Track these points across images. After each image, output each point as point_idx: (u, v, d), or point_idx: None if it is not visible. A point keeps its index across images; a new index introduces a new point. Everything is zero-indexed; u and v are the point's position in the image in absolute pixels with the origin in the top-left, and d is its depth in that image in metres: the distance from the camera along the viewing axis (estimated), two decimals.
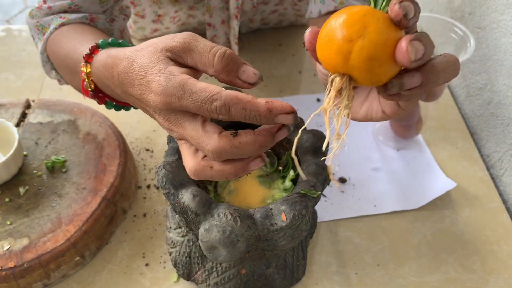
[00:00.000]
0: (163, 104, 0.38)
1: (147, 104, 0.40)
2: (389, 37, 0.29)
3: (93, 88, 0.49)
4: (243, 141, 0.36)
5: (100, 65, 0.45)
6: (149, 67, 0.39)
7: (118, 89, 0.43)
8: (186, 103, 0.36)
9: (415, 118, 0.72)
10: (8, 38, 0.93)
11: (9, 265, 0.54)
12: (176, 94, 0.37)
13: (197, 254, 0.55)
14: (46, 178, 0.63)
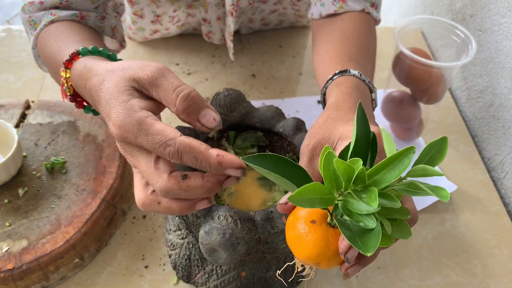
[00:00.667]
0: (119, 136, 0.38)
1: (109, 127, 0.40)
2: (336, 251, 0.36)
3: (71, 93, 0.49)
4: (191, 185, 0.37)
5: (77, 73, 0.46)
6: (113, 95, 0.39)
7: (90, 100, 0.44)
8: (141, 141, 0.37)
9: (416, 121, 0.72)
10: (8, 39, 0.93)
11: (7, 267, 0.54)
12: (132, 131, 0.37)
13: (197, 257, 0.54)
14: (46, 179, 0.62)
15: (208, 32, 0.80)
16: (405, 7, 1.14)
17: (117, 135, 0.38)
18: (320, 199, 0.33)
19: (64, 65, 0.47)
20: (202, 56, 0.90)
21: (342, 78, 0.53)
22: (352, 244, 0.32)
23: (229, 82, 0.86)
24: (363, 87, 0.52)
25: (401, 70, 0.66)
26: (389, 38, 0.97)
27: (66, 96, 0.49)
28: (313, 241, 0.36)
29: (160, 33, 0.86)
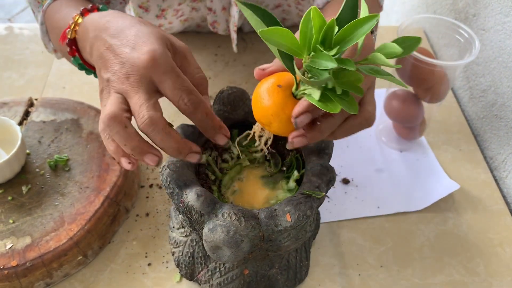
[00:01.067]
0: (144, 63, 0.41)
1: (119, 55, 0.43)
2: (289, 116, 0.40)
3: (72, 37, 0.51)
4: (172, 133, 0.41)
5: (96, 16, 0.49)
6: (151, 34, 0.44)
7: (94, 34, 0.47)
8: (166, 78, 0.42)
9: (419, 120, 0.72)
10: (11, 37, 0.93)
11: (11, 263, 0.54)
12: (164, 66, 0.42)
13: (200, 254, 0.54)
14: (49, 176, 0.63)
15: (213, 21, 0.80)
16: (408, 6, 1.14)
17: (142, 62, 0.41)
18: (287, 46, 0.35)
19: (81, 12, 0.50)
20: (205, 55, 0.90)
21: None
22: (307, 99, 0.36)
23: (231, 81, 0.86)
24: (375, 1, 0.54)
25: (404, 69, 0.66)
26: (391, 37, 0.97)
27: (65, 38, 0.51)
28: (273, 101, 0.40)
29: (164, 28, 0.86)
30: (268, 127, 0.42)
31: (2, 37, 0.93)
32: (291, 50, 0.36)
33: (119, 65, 0.43)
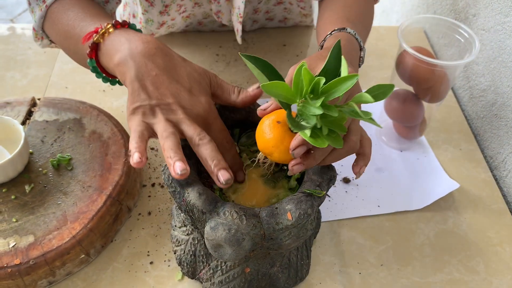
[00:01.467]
0: (203, 111, 0.51)
1: (170, 89, 0.51)
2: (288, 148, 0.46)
3: (98, 41, 0.55)
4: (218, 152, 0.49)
5: (138, 36, 0.53)
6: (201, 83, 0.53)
7: (132, 52, 0.52)
8: (217, 122, 0.52)
9: (419, 120, 0.72)
10: (14, 37, 0.93)
11: (14, 262, 0.54)
12: (213, 117, 0.52)
13: (202, 253, 0.55)
14: (52, 176, 0.63)
15: (217, 11, 0.81)
16: (408, 6, 1.14)
17: (202, 106, 0.51)
18: (284, 95, 0.42)
19: (113, 23, 0.55)
20: (206, 55, 0.91)
21: (339, 33, 0.60)
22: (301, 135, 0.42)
23: (233, 80, 0.86)
24: (356, 44, 0.60)
25: (405, 69, 0.66)
26: (392, 37, 0.98)
27: (90, 39, 0.55)
28: (273, 135, 0.46)
29: (166, 25, 0.87)
30: (270, 156, 0.48)
31: (5, 37, 0.93)
32: (287, 98, 0.42)
33: (172, 98, 0.50)
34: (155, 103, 0.50)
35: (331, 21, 0.65)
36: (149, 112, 0.50)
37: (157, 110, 0.50)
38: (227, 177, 0.47)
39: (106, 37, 0.55)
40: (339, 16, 0.65)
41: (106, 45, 0.55)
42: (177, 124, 0.49)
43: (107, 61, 0.55)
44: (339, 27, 0.61)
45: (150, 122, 0.49)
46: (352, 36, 0.60)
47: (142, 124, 0.49)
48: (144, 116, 0.50)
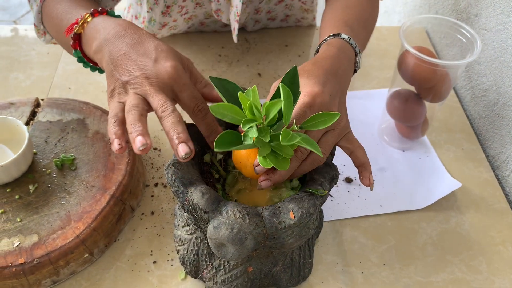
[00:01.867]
0: (168, 74, 0.49)
1: (137, 63, 0.50)
2: None
3: (79, 32, 0.56)
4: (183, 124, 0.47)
5: (110, 21, 0.55)
6: (169, 51, 0.52)
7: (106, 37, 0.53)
8: (186, 88, 0.50)
9: (421, 119, 0.72)
10: (17, 38, 0.94)
11: (19, 261, 0.55)
12: (185, 78, 0.50)
13: (205, 252, 0.55)
14: (56, 176, 0.63)
15: (217, 9, 0.81)
16: (410, 6, 1.15)
17: (168, 73, 0.49)
18: (231, 116, 0.44)
19: (91, 12, 0.56)
20: (208, 55, 0.91)
21: (333, 40, 0.60)
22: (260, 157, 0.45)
23: (235, 81, 0.86)
24: (349, 50, 0.60)
25: (406, 69, 0.66)
26: (394, 38, 0.98)
27: (71, 31, 0.56)
28: (241, 153, 0.50)
29: (168, 26, 0.87)
30: (240, 170, 0.51)
31: (8, 38, 0.94)
32: (235, 119, 0.45)
33: (139, 71, 0.50)
34: (125, 80, 0.50)
35: (330, 24, 0.65)
36: (123, 90, 0.50)
37: (127, 86, 0.50)
38: (185, 151, 0.45)
39: (85, 27, 0.56)
40: (337, 18, 0.65)
41: (86, 35, 0.56)
42: (145, 97, 0.49)
43: (88, 50, 0.56)
44: (334, 33, 0.61)
45: (124, 100, 0.50)
46: (346, 42, 0.60)
47: (117, 105, 0.49)
48: (119, 96, 0.50)
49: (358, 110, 0.82)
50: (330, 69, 0.55)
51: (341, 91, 0.55)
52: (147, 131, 0.46)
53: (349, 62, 0.59)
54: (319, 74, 0.53)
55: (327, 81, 0.53)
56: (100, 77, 0.86)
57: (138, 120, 0.46)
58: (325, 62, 0.56)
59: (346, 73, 0.58)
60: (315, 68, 0.55)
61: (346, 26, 0.63)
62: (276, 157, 0.46)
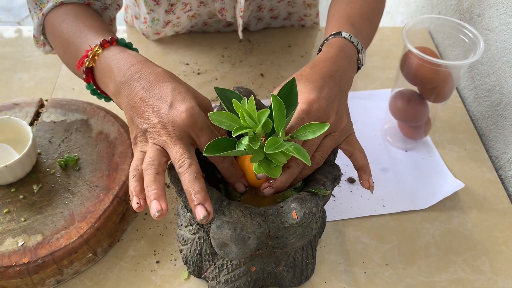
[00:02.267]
0: (183, 121, 0.47)
1: (155, 109, 0.49)
2: None
3: (90, 66, 0.55)
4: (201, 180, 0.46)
5: (121, 57, 0.53)
6: (186, 94, 0.50)
7: (122, 80, 0.51)
8: (203, 133, 0.48)
9: (424, 120, 0.72)
10: (21, 39, 0.95)
11: (23, 260, 0.55)
12: (201, 123, 0.48)
13: (208, 252, 0.55)
14: (59, 176, 0.64)
15: (221, 9, 0.81)
16: (413, 7, 1.15)
17: (183, 120, 0.47)
18: (228, 123, 0.45)
19: (101, 43, 0.54)
20: (212, 56, 0.92)
21: (334, 39, 0.60)
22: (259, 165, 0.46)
23: (238, 82, 0.87)
24: (351, 48, 0.59)
25: (409, 69, 0.66)
26: (396, 38, 0.98)
27: (82, 64, 0.55)
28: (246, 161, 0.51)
29: (172, 24, 0.87)
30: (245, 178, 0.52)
31: (12, 39, 0.94)
32: (232, 126, 0.45)
33: (156, 119, 0.48)
34: (144, 128, 0.49)
35: (332, 21, 0.65)
36: (144, 139, 0.49)
37: (147, 135, 0.49)
38: (203, 214, 0.44)
39: (97, 60, 0.55)
40: (340, 14, 0.65)
41: (98, 72, 0.55)
42: (163, 147, 0.48)
43: (104, 89, 0.56)
44: (336, 31, 0.61)
45: (145, 150, 0.49)
46: (347, 41, 0.59)
47: (138, 156, 0.49)
48: (141, 144, 0.49)
49: (361, 110, 0.82)
50: (328, 72, 0.55)
51: (340, 93, 0.54)
52: (163, 192, 0.46)
53: (350, 61, 0.59)
54: (315, 79, 0.53)
55: (324, 85, 0.53)
56: None
57: (153, 182, 0.46)
58: (323, 65, 0.56)
59: (346, 73, 0.57)
60: (312, 72, 0.54)
61: (347, 23, 0.62)
62: (269, 165, 0.46)
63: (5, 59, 0.90)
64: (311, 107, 0.50)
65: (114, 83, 0.52)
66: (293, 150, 0.44)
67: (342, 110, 0.54)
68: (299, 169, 0.50)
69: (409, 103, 0.70)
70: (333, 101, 0.52)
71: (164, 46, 0.93)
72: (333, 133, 0.52)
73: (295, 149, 0.44)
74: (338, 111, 0.53)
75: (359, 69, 0.62)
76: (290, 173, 0.50)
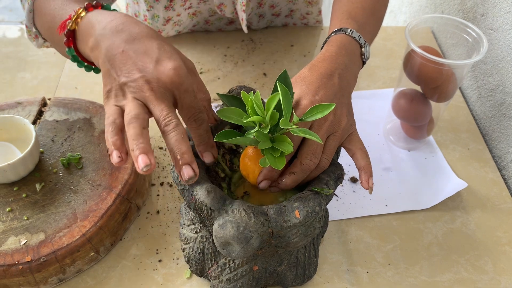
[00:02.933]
0: (170, 77, 0.45)
1: (137, 63, 0.46)
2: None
3: (72, 28, 0.52)
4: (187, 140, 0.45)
5: (105, 14, 0.50)
6: (173, 51, 0.48)
7: (102, 32, 0.49)
8: (188, 95, 0.46)
9: (427, 119, 0.72)
10: (24, 38, 0.95)
11: (26, 259, 0.55)
12: (187, 83, 0.46)
13: (210, 251, 0.55)
14: (62, 174, 0.64)
15: (219, 4, 0.81)
16: (416, 6, 1.14)
17: (169, 77, 0.45)
18: (235, 118, 0.47)
19: (85, 6, 0.52)
20: (214, 55, 0.91)
21: (335, 36, 0.59)
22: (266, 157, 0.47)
23: (240, 81, 0.87)
24: (352, 44, 0.59)
25: (412, 68, 0.66)
26: (399, 38, 0.98)
27: (65, 28, 0.52)
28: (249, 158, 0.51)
29: (173, 21, 0.87)
30: (247, 178, 0.52)
31: (16, 39, 0.95)
32: (239, 121, 0.47)
33: (138, 73, 0.45)
34: (123, 81, 0.46)
35: (334, 17, 0.64)
36: (120, 92, 0.46)
37: (125, 88, 0.46)
38: (189, 175, 0.44)
39: (79, 23, 0.51)
40: (342, 10, 0.64)
41: (80, 31, 0.51)
42: (145, 103, 0.45)
43: (83, 48, 0.52)
44: (337, 28, 0.60)
45: (121, 104, 0.46)
46: (349, 36, 0.59)
47: (114, 110, 0.45)
48: (116, 98, 0.46)
49: (364, 110, 0.82)
50: (326, 72, 0.54)
51: (340, 92, 0.54)
52: (151, 148, 0.43)
53: (352, 57, 0.58)
54: (312, 81, 0.53)
55: (321, 86, 0.52)
56: None
57: (140, 135, 0.43)
58: (322, 64, 0.55)
59: (347, 70, 0.56)
60: (310, 73, 0.54)
61: (349, 18, 0.62)
62: (273, 156, 0.47)
63: (8, 58, 0.90)
64: (304, 110, 0.50)
65: (93, 36, 0.49)
66: (301, 132, 0.45)
67: (342, 109, 0.53)
68: (304, 175, 0.50)
69: (412, 103, 0.70)
70: (330, 101, 0.52)
71: None
72: (335, 132, 0.52)
73: (303, 131, 0.45)
74: (337, 110, 0.53)
75: (364, 63, 0.61)
76: (295, 179, 0.50)
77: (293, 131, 0.45)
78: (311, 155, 0.50)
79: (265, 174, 0.50)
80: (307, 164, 0.50)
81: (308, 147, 0.50)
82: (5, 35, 0.96)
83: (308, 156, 0.50)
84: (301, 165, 0.50)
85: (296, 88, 0.52)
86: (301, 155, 0.50)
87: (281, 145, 0.47)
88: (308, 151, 0.50)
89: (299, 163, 0.50)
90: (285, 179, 0.51)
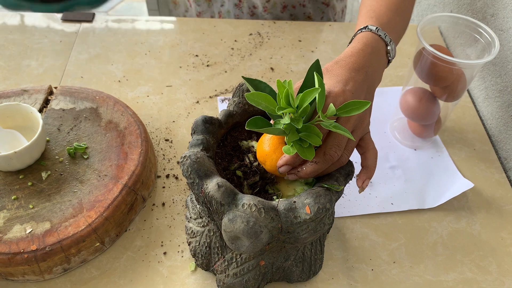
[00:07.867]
0: None
1: None
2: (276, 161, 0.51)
3: None
4: None
5: None
6: None
7: None
8: None
9: (434, 118, 0.72)
10: (30, 26, 0.94)
11: (31, 248, 0.55)
12: None
13: (217, 245, 0.55)
14: (68, 164, 0.63)
15: None
16: (424, 5, 1.14)
17: None
18: (264, 105, 0.47)
19: None
20: (221, 49, 0.91)
21: (360, 34, 0.59)
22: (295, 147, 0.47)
23: (247, 75, 0.86)
24: (378, 42, 0.59)
25: (423, 67, 0.66)
26: (407, 36, 0.97)
27: None
28: (268, 144, 0.51)
29: None
30: (264, 164, 0.52)
31: (21, 26, 0.94)
32: (268, 108, 0.47)
33: None
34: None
35: (361, 15, 0.64)
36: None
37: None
38: None
39: None
40: (368, 9, 0.64)
41: None
42: None
43: None
44: (363, 26, 0.60)
45: None
46: (374, 34, 0.58)
47: None
48: None
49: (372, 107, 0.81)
50: (354, 66, 0.54)
51: (367, 88, 0.54)
52: None
53: (377, 55, 0.58)
54: (340, 73, 0.53)
55: (350, 78, 0.52)
56: (112, 66, 0.86)
57: None
58: (349, 59, 0.55)
59: (373, 68, 0.56)
60: (337, 66, 0.54)
61: (374, 17, 0.61)
62: (302, 146, 0.47)
63: (13, 45, 0.89)
64: (335, 100, 0.49)
65: None
66: (333, 127, 0.45)
67: None
68: (326, 166, 0.50)
69: (420, 101, 0.70)
70: (359, 95, 0.52)
71: (173, 37, 0.93)
72: (357, 130, 0.52)
73: (336, 126, 0.46)
74: None
75: (389, 62, 0.61)
76: (316, 168, 0.49)
77: (324, 125, 0.45)
78: (336, 147, 0.49)
79: (287, 159, 0.49)
80: (331, 155, 0.49)
81: (334, 139, 0.49)
82: (11, 22, 0.95)
83: (333, 148, 0.49)
84: (324, 155, 0.49)
85: (325, 79, 0.52)
86: (326, 146, 0.49)
87: (309, 137, 0.46)
88: (334, 142, 0.49)
89: (322, 153, 0.49)
90: (306, 167, 0.50)
